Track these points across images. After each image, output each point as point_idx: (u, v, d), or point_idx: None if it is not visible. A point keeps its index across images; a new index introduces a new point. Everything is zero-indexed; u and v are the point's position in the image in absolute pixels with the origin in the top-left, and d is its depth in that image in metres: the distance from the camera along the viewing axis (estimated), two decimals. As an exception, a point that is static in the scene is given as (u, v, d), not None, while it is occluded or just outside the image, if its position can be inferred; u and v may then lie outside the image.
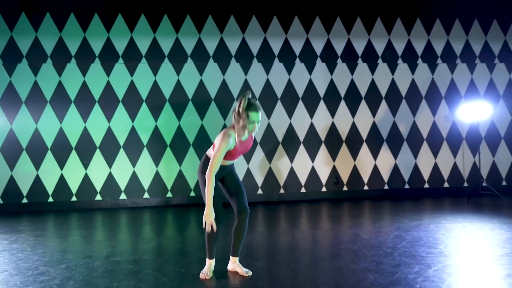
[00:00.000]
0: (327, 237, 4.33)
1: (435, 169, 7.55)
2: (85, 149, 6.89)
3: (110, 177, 6.92)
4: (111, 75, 6.98)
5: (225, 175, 3.17)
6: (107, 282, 2.95)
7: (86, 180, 6.88)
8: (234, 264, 3.15)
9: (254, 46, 7.26)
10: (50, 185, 6.81)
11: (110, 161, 6.93)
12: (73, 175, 6.86)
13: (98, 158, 6.91)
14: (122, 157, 6.95)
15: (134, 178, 6.97)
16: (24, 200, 6.77)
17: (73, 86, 6.90)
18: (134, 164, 6.97)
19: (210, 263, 3.11)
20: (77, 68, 6.92)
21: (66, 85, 6.89)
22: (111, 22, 7.00)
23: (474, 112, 6.73)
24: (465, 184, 7.58)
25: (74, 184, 6.86)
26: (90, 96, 6.92)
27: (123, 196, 6.96)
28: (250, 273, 3.09)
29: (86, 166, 6.89)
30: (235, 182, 3.16)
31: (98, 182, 6.91)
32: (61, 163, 6.84)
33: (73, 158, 6.86)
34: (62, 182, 6.82)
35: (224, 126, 7.05)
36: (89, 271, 3.22)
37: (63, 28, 6.92)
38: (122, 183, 6.95)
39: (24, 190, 6.76)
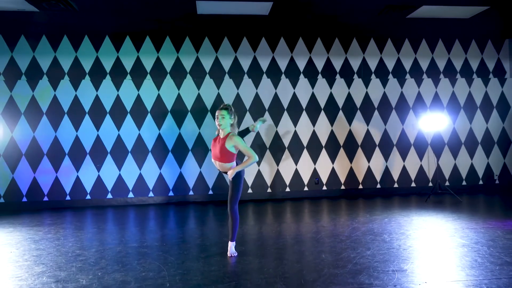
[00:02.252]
0: (300, 229, 5.40)
1: (404, 171, 8.64)
2: (98, 153, 7.93)
3: (120, 178, 7.97)
4: (120, 90, 8.01)
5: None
6: (129, 260, 4.01)
7: (98, 181, 7.93)
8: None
9: (245, 64, 8.31)
10: (67, 185, 7.86)
11: (119, 164, 7.98)
12: (88, 177, 7.91)
13: (109, 162, 7.96)
14: (130, 160, 8.00)
15: (140, 179, 8.02)
16: (45, 198, 7.82)
17: (87, 99, 7.95)
18: (140, 167, 8.02)
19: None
20: (91, 84, 7.95)
21: (81, 99, 7.92)
22: (120, 43, 8.04)
23: (435, 122, 7.81)
24: (430, 184, 8.67)
25: (88, 185, 7.91)
26: (102, 108, 7.96)
27: (131, 195, 8.01)
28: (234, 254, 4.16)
29: (99, 168, 7.94)
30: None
31: (109, 183, 7.96)
32: (77, 166, 7.88)
33: (87, 162, 7.91)
34: (78, 183, 7.87)
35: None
36: (114, 253, 4.29)
37: (79, 49, 7.95)
38: (130, 183, 8.00)
39: (45, 189, 7.80)
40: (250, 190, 8.27)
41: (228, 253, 4.17)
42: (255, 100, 8.31)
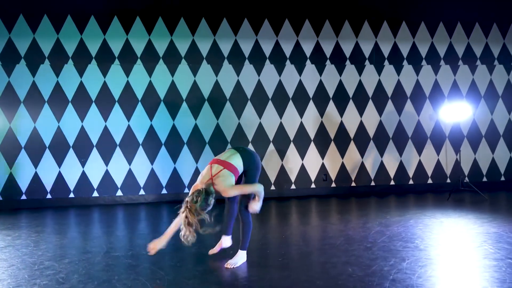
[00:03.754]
0: (313, 233, 4.63)
1: (419, 166, 7.89)
2: (82, 147, 7.12)
3: (107, 175, 7.17)
4: (107, 76, 7.20)
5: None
6: (109, 275, 3.22)
7: (83, 178, 7.11)
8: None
9: (246, 48, 7.51)
10: (48, 182, 7.04)
11: (106, 159, 7.17)
12: (71, 173, 7.10)
13: (95, 156, 7.14)
14: (118, 155, 7.19)
15: (130, 175, 7.22)
16: (23, 197, 7.00)
17: (70, 87, 7.12)
18: (130, 162, 7.22)
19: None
20: (74, 69, 7.12)
21: (63, 86, 7.10)
22: (108, 24, 7.21)
23: (456, 112, 7.05)
24: (448, 181, 7.93)
25: (71, 181, 7.10)
26: (87, 96, 7.14)
27: (119, 193, 7.21)
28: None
29: (83, 163, 7.12)
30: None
31: (95, 179, 7.16)
32: (59, 161, 7.06)
33: (71, 156, 7.09)
34: (60, 180, 7.05)
35: (217, 125, 7.34)
36: (91, 265, 3.49)
37: (61, 30, 7.11)
38: (119, 180, 7.20)
39: (23, 187, 6.99)
40: None
41: (232, 262, 3.38)
42: (257, 89, 7.51)
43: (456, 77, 8.02)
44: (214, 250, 3.76)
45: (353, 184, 7.74)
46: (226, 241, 3.78)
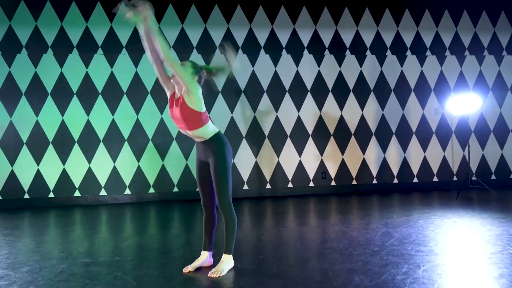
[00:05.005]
0: (312, 235, 4.14)
1: (424, 163, 7.41)
2: (63, 143, 6.60)
3: (90, 173, 6.65)
4: (90, 66, 6.69)
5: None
6: (70, 287, 2.71)
7: (64, 176, 6.59)
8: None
9: (239, 37, 7.03)
10: (25, 181, 6.52)
11: (89, 155, 6.66)
12: (51, 171, 6.57)
13: (76, 153, 6.63)
14: (102, 151, 6.67)
15: (114, 173, 6.70)
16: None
17: (50, 78, 6.60)
18: (114, 159, 6.71)
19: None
20: (54, 59, 6.61)
21: (42, 77, 6.58)
22: (90, 11, 6.70)
23: (464, 104, 6.58)
24: (455, 178, 7.46)
25: (51, 180, 6.58)
26: (68, 88, 6.63)
27: (103, 192, 6.69)
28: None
29: (64, 161, 6.61)
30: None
31: (76, 178, 6.64)
32: (38, 158, 6.54)
33: (50, 153, 6.57)
34: (38, 178, 6.53)
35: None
36: (54, 274, 2.99)
37: (39, 17, 6.59)
38: (102, 178, 6.69)
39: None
40: (246, 186, 6.98)
41: (215, 271, 2.89)
42: (251, 80, 7.02)
43: (463, 68, 7.55)
44: (189, 268, 2.99)
45: (354, 182, 7.25)
46: (205, 258, 3.09)
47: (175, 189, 6.83)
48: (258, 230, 4.41)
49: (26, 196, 6.52)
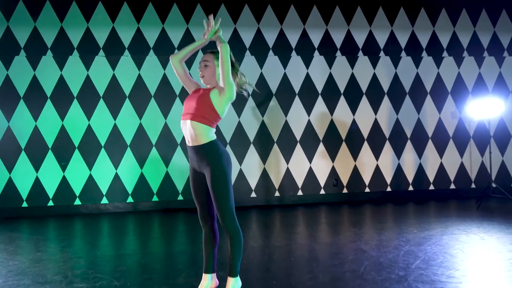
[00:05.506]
0: (328, 254, 3.81)
1: (441, 170, 7.06)
2: (63, 149, 6.31)
3: (91, 180, 6.36)
4: (91, 69, 6.39)
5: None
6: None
7: (64, 183, 6.31)
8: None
9: (247, 37, 6.70)
10: (24, 189, 6.24)
11: (90, 162, 6.36)
12: (50, 178, 6.29)
13: (77, 159, 6.34)
14: (103, 158, 6.38)
15: (116, 181, 6.40)
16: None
17: (49, 81, 6.32)
18: (116, 166, 6.41)
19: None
20: (53, 61, 6.32)
21: (42, 80, 6.29)
22: (91, 11, 6.41)
23: (484, 108, 6.23)
24: (473, 186, 7.10)
25: (50, 188, 6.29)
26: (68, 91, 6.34)
27: (104, 200, 6.40)
28: None
29: (64, 168, 6.32)
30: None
31: (77, 186, 6.35)
32: (37, 164, 6.26)
33: (50, 159, 6.29)
34: (37, 186, 6.25)
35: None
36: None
37: (38, 18, 6.31)
38: (104, 186, 6.39)
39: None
40: (253, 194, 6.66)
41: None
42: (260, 82, 6.69)
43: (481, 70, 7.18)
44: None
45: (367, 189, 6.91)
46: (208, 282, 2.80)
47: (180, 197, 6.52)
48: (268, 247, 4.09)
49: (25, 204, 6.24)
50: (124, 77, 6.45)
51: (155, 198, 6.49)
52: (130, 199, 6.45)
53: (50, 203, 6.30)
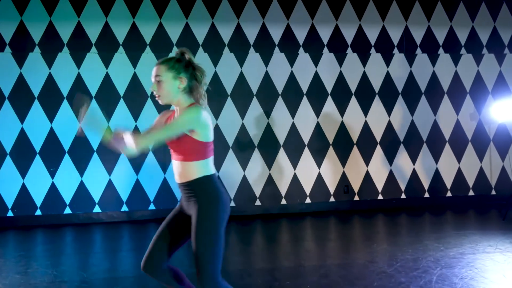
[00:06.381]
0: (351, 279, 3.33)
1: (459, 175, 6.58)
2: (52, 153, 5.82)
3: (82, 187, 5.87)
4: (82, 67, 5.90)
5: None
6: None
7: (53, 191, 5.81)
8: None
9: (251, 33, 6.19)
10: (9, 197, 5.74)
11: (81, 168, 5.87)
12: (38, 185, 5.79)
13: (67, 165, 5.84)
14: (95, 163, 5.88)
15: (110, 188, 5.91)
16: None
17: (37, 80, 5.82)
18: (110, 172, 5.92)
19: None
20: (41, 58, 5.82)
21: (28, 79, 5.79)
22: (82, 5, 5.90)
23: (508, 110, 5.76)
24: (493, 192, 6.62)
25: (38, 196, 5.79)
26: (58, 91, 5.84)
27: (97, 209, 5.91)
28: None
29: (52, 174, 5.82)
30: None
31: (67, 193, 5.85)
32: (23, 170, 5.77)
33: (37, 165, 5.79)
34: (24, 193, 5.75)
35: (217, 126, 6.03)
36: None
37: (25, 12, 5.81)
38: (96, 194, 5.90)
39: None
40: (258, 202, 6.18)
41: None
42: (265, 82, 6.20)
43: (502, 68, 6.70)
44: None
45: (380, 197, 6.43)
46: None
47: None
48: (278, 270, 3.61)
49: (10, 213, 5.75)
50: (118, 75, 5.95)
51: (151, 207, 6.01)
52: (124, 208, 5.96)
53: (38, 212, 5.81)
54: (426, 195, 6.52)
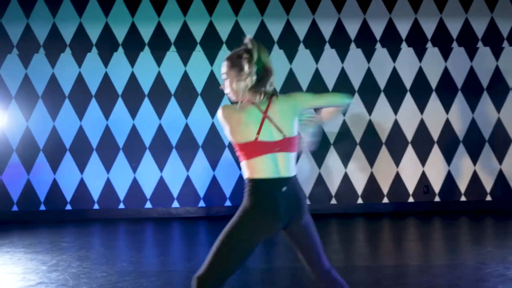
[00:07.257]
0: (468, 279, 3.08)
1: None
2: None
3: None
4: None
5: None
6: None
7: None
8: None
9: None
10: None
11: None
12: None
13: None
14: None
15: (187, 184, 6.02)
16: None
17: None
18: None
19: None
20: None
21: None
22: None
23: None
24: (518, 197, 6.06)
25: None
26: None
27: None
28: None
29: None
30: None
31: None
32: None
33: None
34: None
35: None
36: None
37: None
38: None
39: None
40: (333, 201, 6.05)
41: None
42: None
43: None
44: None
45: (463, 198, 6.07)
46: None
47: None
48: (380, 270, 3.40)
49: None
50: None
51: (228, 203, 6.03)
52: (202, 203, 6.04)
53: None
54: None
